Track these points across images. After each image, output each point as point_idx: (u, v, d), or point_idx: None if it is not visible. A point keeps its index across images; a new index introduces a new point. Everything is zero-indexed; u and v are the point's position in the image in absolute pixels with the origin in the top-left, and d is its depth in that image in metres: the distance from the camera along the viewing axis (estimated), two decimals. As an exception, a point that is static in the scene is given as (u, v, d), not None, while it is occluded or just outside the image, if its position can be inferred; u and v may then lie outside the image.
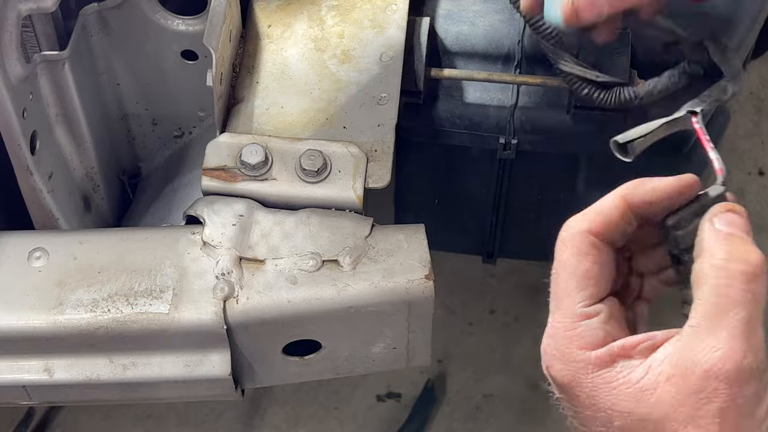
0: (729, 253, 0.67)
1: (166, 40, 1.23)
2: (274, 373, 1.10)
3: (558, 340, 0.69)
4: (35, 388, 1.04)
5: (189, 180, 1.28)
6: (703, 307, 0.66)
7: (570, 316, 0.69)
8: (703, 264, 0.67)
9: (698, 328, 0.65)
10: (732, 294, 0.65)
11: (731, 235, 0.68)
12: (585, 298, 0.70)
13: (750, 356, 0.64)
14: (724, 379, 0.63)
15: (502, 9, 1.27)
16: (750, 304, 0.65)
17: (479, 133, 1.26)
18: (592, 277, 0.70)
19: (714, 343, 0.64)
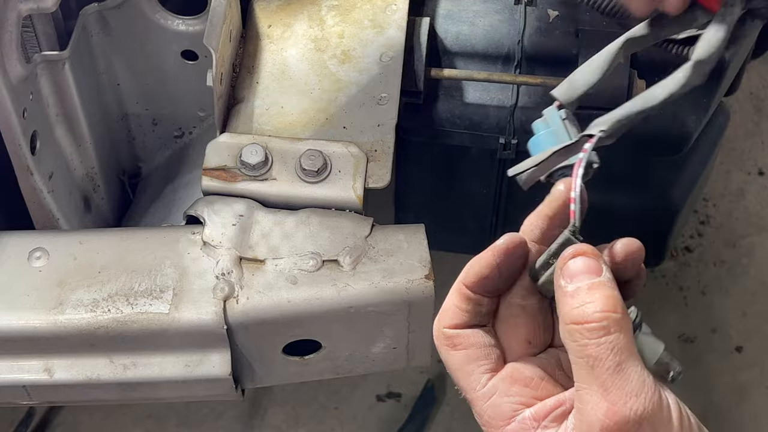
0: (575, 313, 0.67)
1: (166, 40, 1.23)
2: (274, 373, 1.10)
3: (482, 426, 0.72)
4: (35, 388, 1.04)
5: (189, 180, 1.28)
6: (575, 370, 0.67)
7: (476, 402, 0.72)
8: (563, 328, 0.68)
9: (581, 393, 0.67)
10: (589, 352, 0.66)
11: (576, 290, 0.68)
12: (476, 381, 0.72)
13: (631, 403, 0.65)
14: (617, 430, 0.64)
15: (502, 9, 1.27)
16: (609, 355, 0.66)
17: (479, 133, 1.26)
18: (471, 362, 0.73)
19: (596, 403, 0.65)
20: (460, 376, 0.73)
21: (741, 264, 2.16)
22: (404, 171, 1.34)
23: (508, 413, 0.70)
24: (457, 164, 1.33)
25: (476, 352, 0.73)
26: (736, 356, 2.05)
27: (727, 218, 2.21)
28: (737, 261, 2.16)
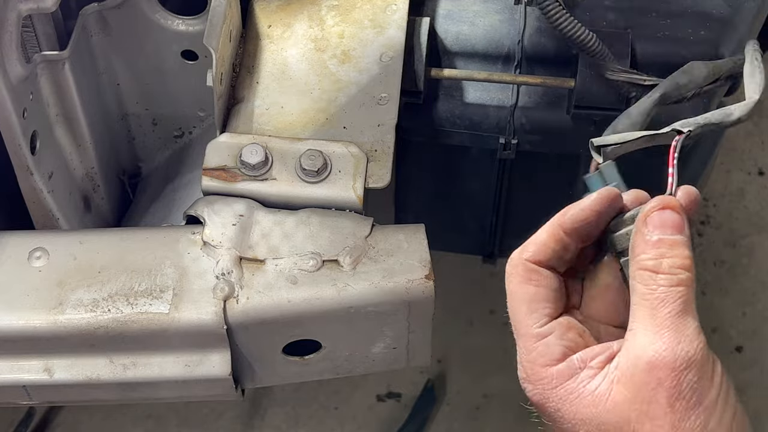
0: (653, 263, 0.72)
1: (166, 40, 1.23)
2: (274, 373, 1.10)
3: (523, 363, 0.75)
4: (35, 388, 1.04)
5: (189, 180, 1.28)
6: (636, 310, 0.71)
7: (528, 339, 0.75)
8: (633, 272, 0.72)
9: (635, 331, 0.70)
10: (657, 295, 0.70)
11: (659, 241, 0.72)
12: (537, 320, 0.75)
13: (684, 345, 0.69)
14: (663, 367, 0.68)
15: (502, 9, 1.27)
16: (675, 301, 0.70)
17: (479, 133, 1.26)
18: (540, 300, 0.76)
19: (650, 340, 0.69)
20: (523, 309, 0.76)
21: (741, 264, 2.16)
22: (404, 171, 1.34)
23: (559, 354, 0.73)
24: (457, 164, 1.33)
25: (547, 293, 0.76)
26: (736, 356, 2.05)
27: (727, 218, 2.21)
28: (737, 261, 2.16)
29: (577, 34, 1.11)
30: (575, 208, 0.78)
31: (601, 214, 0.77)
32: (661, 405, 0.68)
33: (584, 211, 0.77)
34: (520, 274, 0.77)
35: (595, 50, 1.13)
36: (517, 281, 0.77)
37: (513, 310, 0.77)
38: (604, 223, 0.78)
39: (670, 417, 0.68)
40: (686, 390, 0.68)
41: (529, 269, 0.77)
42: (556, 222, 0.78)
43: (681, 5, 1.22)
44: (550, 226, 0.78)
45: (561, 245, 0.77)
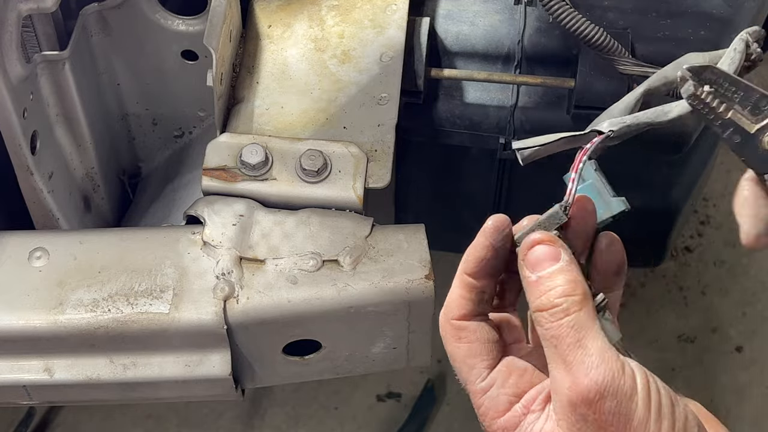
0: (540, 301, 0.72)
1: (166, 40, 1.23)
2: (274, 373, 1.10)
3: (479, 417, 0.76)
4: (35, 388, 1.04)
5: (189, 180, 1.28)
6: (546, 350, 0.72)
7: (475, 395, 0.76)
8: (532, 315, 0.73)
9: (552, 372, 0.71)
10: (552, 333, 0.71)
11: (538, 279, 0.73)
12: (477, 376, 0.76)
13: (592, 374, 0.68)
14: (580, 404, 0.68)
15: (502, 9, 1.27)
16: (568, 333, 0.70)
17: (479, 133, 1.26)
18: (474, 356, 0.77)
19: (562, 378, 0.70)
20: (462, 368, 0.77)
21: (741, 264, 2.16)
22: (404, 171, 1.34)
23: (504, 404, 0.74)
24: (457, 164, 1.33)
25: (479, 347, 0.77)
26: (736, 356, 2.05)
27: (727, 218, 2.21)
28: (737, 261, 2.16)
29: (584, 31, 1.10)
30: (471, 249, 0.78)
31: (496, 246, 0.77)
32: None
33: (478, 250, 0.77)
34: (450, 335, 0.78)
35: (604, 45, 1.11)
36: (450, 342, 0.78)
37: (456, 369, 0.78)
38: (505, 252, 0.78)
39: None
40: (609, 417, 0.68)
41: (455, 328, 0.77)
42: (461, 271, 0.78)
43: (681, 5, 1.22)
44: (458, 277, 0.79)
45: (475, 291, 0.78)
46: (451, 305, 0.78)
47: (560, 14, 1.10)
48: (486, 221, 0.77)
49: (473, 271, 0.77)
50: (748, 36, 1.00)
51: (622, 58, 1.14)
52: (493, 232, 0.77)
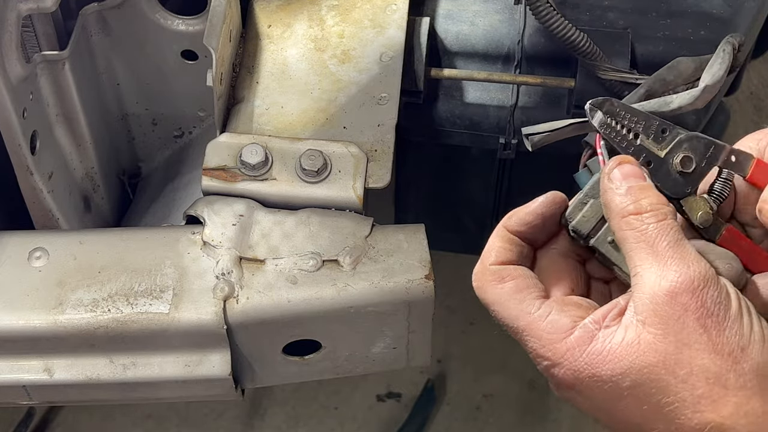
0: (633, 207, 0.73)
1: (166, 40, 1.23)
2: (274, 373, 1.10)
3: (540, 351, 0.74)
4: (35, 387, 1.04)
5: (189, 180, 1.28)
6: (634, 254, 0.72)
7: (533, 326, 0.74)
8: (618, 223, 0.74)
9: (641, 273, 0.71)
10: (650, 233, 0.71)
11: (630, 189, 0.74)
12: (530, 306, 0.75)
13: (694, 267, 0.70)
14: (683, 293, 0.69)
15: (502, 9, 1.27)
16: (669, 233, 0.71)
17: (479, 133, 1.26)
18: (522, 289, 0.76)
19: (660, 274, 0.70)
20: (511, 305, 0.75)
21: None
22: (404, 171, 1.34)
23: (569, 324, 0.73)
24: (457, 164, 1.33)
25: (526, 281, 0.76)
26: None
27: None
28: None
29: (567, 35, 1.12)
30: (522, 211, 0.79)
31: (546, 217, 0.79)
32: (694, 328, 0.68)
33: (529, 215, 0.79)
34: (490, 280, 0.77)
35: (585, 50, 1.13)
36: (491, 287, 0.77)
37: (503, 314, 0.76)
38: (553, 226, 0.80)
39: (706, 336, 0.68)
40: (712, 306, 0.69)
41: (496, 271, 0.77)
42: (503, 225, 0.79)
43: (681, 5, 1.22)
44: (498, 232, 0.79)
45: (515, 245, 0.79)
46: (488, 254, 0.78)
47: (545, 18, 1.11)
48: (546, 195, 0.79)
49: (515, 229, 0.79)
50: (734, 40, 1.02)
51: (603, 64, 1.15)
52: (546, 202, 0.79)
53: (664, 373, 0.69)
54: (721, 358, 0.68)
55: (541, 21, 1.12)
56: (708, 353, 0.68)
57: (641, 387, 0.69)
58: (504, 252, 0.78)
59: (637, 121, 0.79)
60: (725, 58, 1.03)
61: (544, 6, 1.10)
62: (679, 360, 0.69)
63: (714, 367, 0.68)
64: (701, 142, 0.79)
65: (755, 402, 0.68)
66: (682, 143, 0.79)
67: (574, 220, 0.78)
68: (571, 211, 0.78)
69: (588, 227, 0.78)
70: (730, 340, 0.69)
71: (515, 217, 0.79)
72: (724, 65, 1.02)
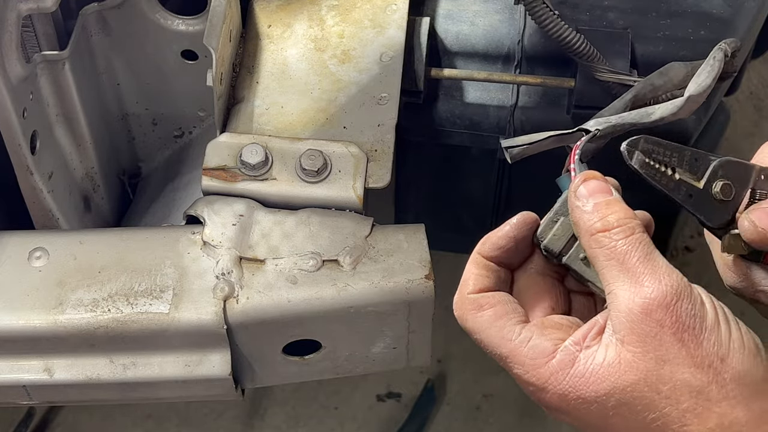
0: (600, 224, 0.73)
1: (166, 40, 1.23)
2: (274, 373, 1.10)
3: (525, 376, 0.74)
4: (35, 387, 1.04)
5: (189, 180, 1.28)
6: (606, 272, 0.72)
7: (515, 353, 0.74)
8: (588, 242, 0.73)
9: (615, 292, 0.71)
10: (619, 249, 0.71)
11: (596, 205, 0.74)
12: (511, 332, 0.75)
13: (665, 281, 0.69)
14: (657, 309, 0.68)
15: (502, 9, 1.27)
16: (638, 248, 0.71)
17: (479, 133, 1.26)
18: (502, 316, 0.76)
19: (632, 291, 0.70)
20: (492, 333, 0.75)
21: (741, 264, 2.16)
22: (404, 171, 1.34)
23: (550, 348, 0.73)
24: (457, 164, 1.33)
25: (505, 308, 0.76)
26: (736, 356, 2.04)
27: (727, 218, 2.20)
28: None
29: (563, 36, 1.12)
30: (494, 235, 0.79)
31: (518, 239, 0.79)
32: (671, 343, 0.69)
33: (501, 239, 0.79)
34: (470, 309, 0.77)
35: (581, 51, 1.13)
36: (471, 316, 0.77)
37: (485, 342, 0.76)
38: (527, 247, 0.80)
39: (684, 351, 0.69)
40: (687, 319, 0.69)
41: (474, 300, 0.77)
42: (477, 252, 0.79)
43: (681, 5, 1.22)
44: (473, 259, 0.79)
45: (491, 271, 0.79)
46: (466, 283, 0.78)
47: (542, 19, 1.11)
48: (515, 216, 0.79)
49: (489, 255, 0.79)
50: (726, 46, 1.02)
51: (600, 65, 1.15)
52: (517, 224, 0.79)
53: (647, 391, 0.69)
54: (702, 370, 0.69)
55: (537, 22, 1.12)
56: (688, 367, 0.69)
57: (626, 405, 0.70)
58: (481, 279, 0.78)
59: (671, 154, 0.78)
60: (714, 66, 1.03)
61: (540, 7, 1.10)
62: (660, 376, 0.69)
63: (695, 381, 0.68)
64: (734, 166, 0.78)
65: (739, 411, 0.68)
66: (717, 171, 0.78)
67: (545, 239, 0.78)
68: (542, 230, 0.78)
69: (560, 245, 0.77)
70: (709, 352, 0.69)
71: (488, 243, 0.79)
72: (712, 74, 1.01)
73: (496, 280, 0.79)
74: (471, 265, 0.79)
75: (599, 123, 0.88)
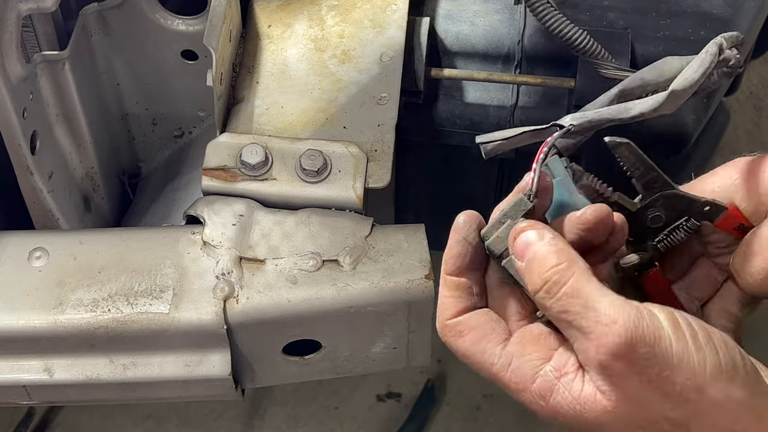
0: (534, 286, 0.72)
1: (166, 40, 1.23)
2: (274, 373, 1.11)
3: (515, 396, 0.74)
4: (35, 387, 1.04)
5: (189, 180, 1.28)
6: (560, 327, 0.71)
7: (500, 376, 0.74)
8: (535, 299, 0.73)
9: (575, 344, 0.70)
10: (556, 309, 0.70)
11: (526, 265, 0.73)
12: (491, 356, 0.75)
13: (613, 328, 0.67)
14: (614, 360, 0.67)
15: (502, 9, 1.27)
16: (571, 300, 0.69)
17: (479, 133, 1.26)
18: (480, 340, 0.75)
19: (586, 346, 0.68)
20: (475, 358, 0.76)
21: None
22: (404, 171, 1.34)
23: (531, 372, 0.73)
24: (457, 164, 1.33)
25: (483, 330, 0.76)
26: (736, 356, 2.04)
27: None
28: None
29: (567, 33, 1.11)
30: (448, 252, 0.78)
31: (469, 239, 0.77)
32: (642, 385, 0.67)
33: (453, 247, 0.77)
34: (450, 335, 0.77)
35: (587, 48, 1.12)
36: (454, 342, 0.77)
37: (473, 365, 0.76)
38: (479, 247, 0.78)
39: (657, 391, 0.67)
40: (649, 363, 0.67)
41: (453, 326, 0.77)
42: (443, 273, 0.78)
43: (681, 5, 1.22)
44: (442, 281, 0.78)
45: (462, 288, 0.77)
46: (442, 309, 0.78)
47: (545, 17, 1.11)
48: (457, 224, 0.78)
49: (453, 269, 0.77)
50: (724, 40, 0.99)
51: (606, 62, 1.14)
52: (464, 226, 0.77)
53: (626, 429, 0.69)
54: (679, 406, 0.68)
55: (540, 20, 1.11)
56: (665, 403, 0.68)
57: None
58: (454, 301, 0.77)
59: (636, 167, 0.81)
60: (705, 60, 0.99)
61: (543, 5, 1.10)
62: (636, 419, 0.69)
63: (675, 416, 0.68)
64: (679, 199, 0.81)
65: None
66: (659, 200, 0.81)
67: (488, 239, 0.77)
68: (487, 229, 0.77)
69: (501, 248, 0.76)
70: (684, 387, 0.67)
71: (448, 259, 0.78)
72: (701, 69, 0.97)
73: (469, 296, 0.78)
74: (442, 288, 0.78)
75: (575, 118, 0.86)
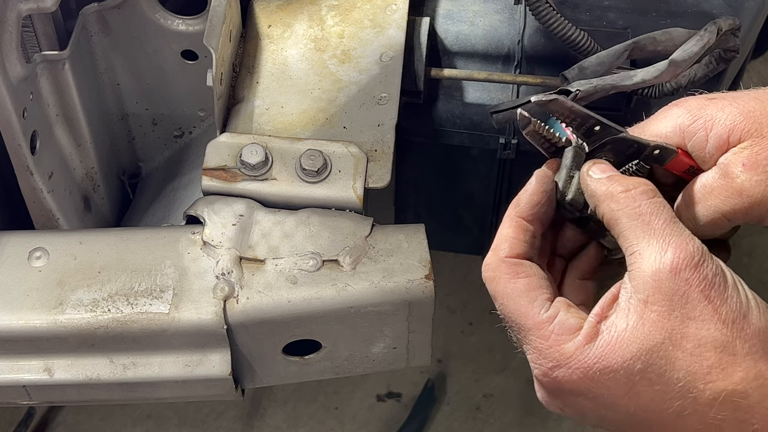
0: (621, 185, 0.75)
1: (166, 40, 1.23)
2: (274, 373, 1.11)
3: (545, 352, 0.75)
4: (35, 387, 1.04)
5: (189, 180, 1.28)
6: (630, 233, 0.73)
7: (540, 327, 0.75)
8: (609, 205, 0.75)
9: (639, 251, 0.72)
10: (643, 209, 0.73)
11: (611, 177, 0.76)
12: (540, 307, 0.76)
13: (692, 243, 0.72)
14: (686, 268, 0.70)
15: (502, 9, 1.27)
16: (661, 209, 0.73)
17: (479, 133, 1.26)
18: (535, 288, 0.77)
19: (661, 250, 0.71)
20: (522, 303, 0.76)
21: (741, 263, 2.16)
22: (404, 171, 1.34)
23: (575, 325, 0.74)
24: (457, 164, 1.33)
25: (538, 281, 0.77)
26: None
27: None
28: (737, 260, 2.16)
29: (567, 34, 1.12)
30: (526, 194, 0.80)
31: (548, 192, 0.80)
32: (698, 300, 0.70)
33: (534, 195, 0.80)
34: (505, 273, 0.78)
35: (587, 48, 1.13)
36: (505, 280, 0.78)
37: (511, 310, 0.77)
38: (550, 206, 0.81)
39: (711, 308, 0.70)
40: (713, 279, 0.71)
41: (512, 265, 0.78)
42: (513, 214, 0.80)
43: (681, 5, 1.22)
44: (510, 220, 0.80)
45: (528, 234, 0.80)
46: (503, 245, 0.79)
47: (545, 17, 1.11)
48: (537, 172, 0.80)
49: (528, 214, 0.80)
50: (722, 23, 1.03)
51: None
52: (548, 180, 0.80)
53: (672, 350, 0.70)
54: (727, 326, 0.70)
55: (540, 21, 1.12)
56: (714, 323, 0.70)
57: (652, 367, 0.71)
58: (517, 243, 0.79)
59: (573, 119, 0.81)
60: (704, 36, 1.04)
61: (543, 6, 1.10)
62: (685, 334, 0.70)
63: (721, 336, 0.70)
64: (626, 143, 0.81)
65: (762, 365, 0.70)
66: (606, 144, 0.81)
67: (569, 195, 0.79)
68: (563, 186, 0.79)
69: (583, 200, 0.79)
70: (733, 309, 0.70)
71: (524, 203, 0.80)
72: (700, 43, 1.02)
73: (531, 246, 0.80)
74: (508, 227, 0.80)
75: (581, 84, 0.89)
